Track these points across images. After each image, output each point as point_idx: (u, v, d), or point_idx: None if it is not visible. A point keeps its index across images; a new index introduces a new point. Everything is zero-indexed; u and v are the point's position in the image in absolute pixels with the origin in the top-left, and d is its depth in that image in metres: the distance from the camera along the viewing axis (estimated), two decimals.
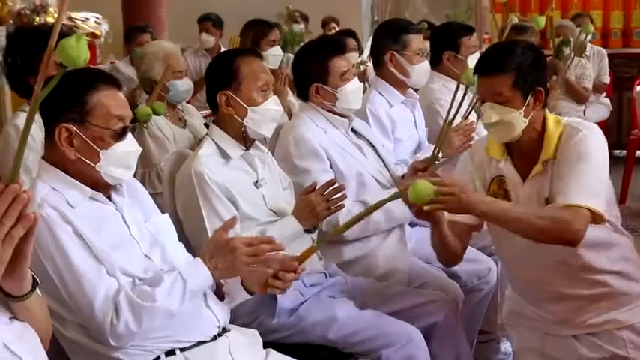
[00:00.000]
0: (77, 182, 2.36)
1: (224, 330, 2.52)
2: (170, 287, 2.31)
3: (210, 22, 7.76)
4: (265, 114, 3.02)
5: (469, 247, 3.70)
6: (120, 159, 2.36)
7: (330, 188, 3.01)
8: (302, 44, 6.79)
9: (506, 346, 4.00)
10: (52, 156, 2.38)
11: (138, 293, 2.29)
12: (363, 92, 3.77)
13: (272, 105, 3.04)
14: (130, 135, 2.40)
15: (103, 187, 2.41)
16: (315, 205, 2.99)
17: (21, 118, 3.45)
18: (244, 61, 3.03)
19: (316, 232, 3.14)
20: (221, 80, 3.04)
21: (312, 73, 3.50)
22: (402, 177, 3.62)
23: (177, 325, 2.37)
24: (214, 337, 2.46)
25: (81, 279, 2.25)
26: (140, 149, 2.46)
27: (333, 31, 8.52)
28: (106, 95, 2.34)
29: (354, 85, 3.52)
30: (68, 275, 2.25)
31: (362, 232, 3.39)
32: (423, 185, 2.37)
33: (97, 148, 2.32)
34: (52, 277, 2.24)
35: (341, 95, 3.47)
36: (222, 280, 2.51)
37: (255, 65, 3.05)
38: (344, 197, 3.03)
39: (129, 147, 2.38)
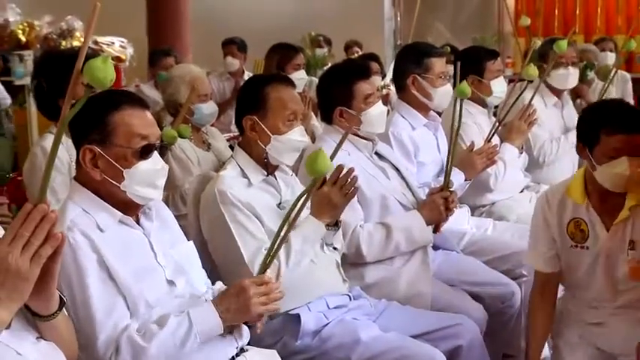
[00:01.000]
0: (107, 205, 2.37)
1: (242, 350, 2.52)
2: (175, 329, 2.30)
3: (234, 45, 7.81)
4: (288, 143, 3.03)
5: (493, 271, 3.73)
6: (144, 177, 2.36)
7: (341, 174, 3.00)
8: (326, 68, 6.84)
9: None
10: (82, 177, 2.40)
11: (144, 332, 2.29)
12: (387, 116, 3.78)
13: (296, 135, 3.04)
14: (155, 153, 2.39)
15: (132, 210, 2.42)
16: (331, 196, 2.98)
17: (48, 140, 3.48)
18: (275, 88, 3.04)
19: (339, 229, 3.13)
20: (249, 104, 3.06)
21: (336, 96, 3.52)
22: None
23: (201, 352, 2.37)
24: (232, 358, 2.47)
25: (93, 311, 2.26)
26: (167, 167, 2.46)
27: (356, 55, 8.55)
28: (128, 115, 2.35)
29: (378, 109, 3.53)
30: (81, 304, 2.26)
31: (381, 253, 3.39)
32: (321, 156, 2.32)
33: (120, 168, 2.33)
34: (67, 299, 2.25)
35: (365, 119, 3.49)
36: None
37: (285, 94, 3.05)
38: (355, 180, 3.02)
39: (153, 165, 2.38)
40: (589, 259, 2.98)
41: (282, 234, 2.40)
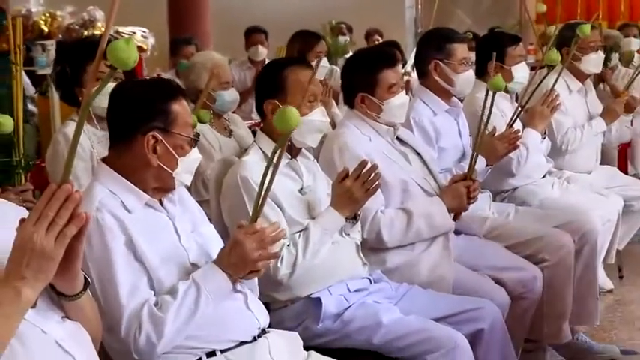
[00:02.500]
0: (135, 188, 2.42)
1: (263, 331, 2.53)
2: (184, 293, 2.33)
3: (263, 34, 7.78)
4: (311, 125, 3.03)
5: (515, 256, 3.73)
6: (191, 165, 2.48)
7: (364, 170, 3.00)
8: (347, 56, 6.84)
9: (552, 354, 3.97)
10: (117, 160, 2.45)
11: (160, 304, 2.32)
12: None
13: (318, 116, 3.05)
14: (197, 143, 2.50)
15: (158, 195, 2.48)
16: (353, 190, 2.98)
17: (70, 127, 3.52)
18: (293, 71, 3.05)
19: (358, 221, 3.13)
20: (269, 89, 3.07)
21: (360, 82, 3.51)
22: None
23: (218, 324, 2.40)
24: (254, 339, 2.48)
25: (118, 292, 2.29)
26: (201, 156, 2.55)
27: (376, 43, 8.53)
28: (182, 105, 2.45)
29: (401, 99, 3.52)
30: (107, 284, 2.30)
31: (402, 238, 3.39)
32: (290, 112, 2.32)
33: (176, 156, 2.41)
34: (92, 279, 2.28)
35: (386, 108, 3.49)
36: None
37: (303, 76, 3.05)
38: (378, 176, 3.01)
39: (198, 154, 2.51)
40: None
41: (264, 187, 2.41)
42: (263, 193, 2.41)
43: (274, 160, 2.39)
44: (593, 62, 4.95)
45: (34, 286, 1.68)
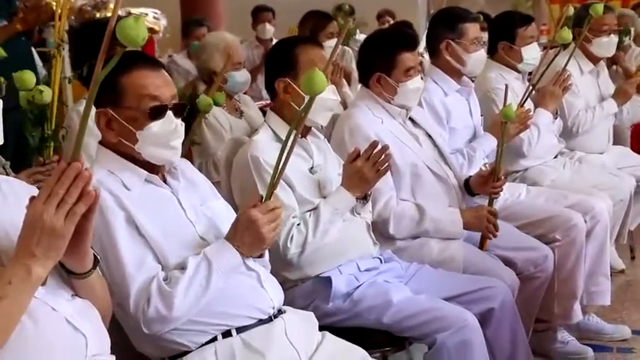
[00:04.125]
0: (133, 165, 2.41)
1: (279, 312, 2.54)
2: (195, 269, 2.32)
3: (270, 12, 7.80)
4: (322, 103, 3.02)
5: (526, 235, 3.73)
6: (157, 138, 2.38)
7: (375, 150, 2.99)
8: (359, 34, 6.81)
9: (563, 335, 3.97)
10: (106, 140, 2.45)
11: (169, 279, 2.32)
12: None
13: (329, 94, 3.04)
14: (169, 114, 2.39)
15: (156, 169, 2.46)
16: (364, 170, 2.97)
17: (83, 105, 3.52)
18: (304, 49, 3.05)
19: (369, 201, 3.13)
20: (280, 67, 3.07)
21: (377, 62, 3.51)
22: (468, 179, 3.62)
23: (231, 299, 2.40)
24: (270, 319, 2.48)
25: (124, 267, 2.29)
26: (178, 128, 2.42)
27: (387, 24, 8.50)
28: (138, 76, 2.38)
29: (416, 83, 3.51)
30: (112, 261, 2.30)
31: (407, 235, 3.42)
32: (317, 75, 2.25)
33: (132, 129, 2.37)
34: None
35: (401, 91, 3.48)
36: None
37: (315, 54, 3.06)
38: (389, 156, 3.00)
39: (167, 126, 2.38)
40: None
41: (280, 165, 2.37)
42: (279, 171, 2.38)
43: (292, 133, 2.31)
44: (605, 46, 4.91)
45: (44, 264, 1.69)
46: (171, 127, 2.40)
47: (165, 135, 2.39)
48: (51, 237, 1.66)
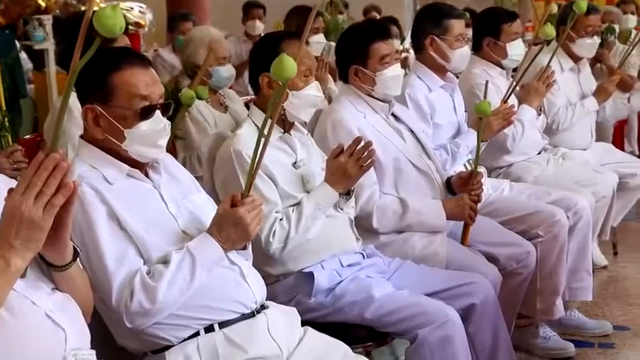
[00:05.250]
0: (115, 160, 2.40)
1: (262, 307, 2.53)
2: (179, 263, 2.33)
3: (261, 9, 7.78)
4: (305, 99, 3.04)
5: (508, 231, 3.74)
6: (145, 137, 2.38)
7: (358, 147, 2.99)
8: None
9: (545, 330, 3.99)
10: (89, 134, 2.43)
11: (152, 273, 2.32)
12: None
13: (313, 91, 3.05)
14: (157, 113, 2.39)
15: (139, 165, 2.45)
16: (347, 166, 2.97)
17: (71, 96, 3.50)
18: (289, 44, 3.03)
19: (352, 197, 3.13)
20: (265, 62, 3.03)
21: (353, 54, 3.50)
22: (449, 179, 3.63)
23: (213, 293, 2.40)
24: (252, 314, 2.48)
25: (105, 261, 2.29)
26: (165, 128, 2.43)
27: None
28: (129, 75, 2.36)
29: (394, 71, 3.51)
30: (94, 255, 2.30)
31: (391, 229, 3.41)
32: (286, 59, 2.27)
33: (121, 128, 2.35)
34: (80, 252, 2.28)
35: (379, 80, 3.47)
36: None
37: (300, 50, 3.06)
38: (373, 152, 3.00)
39: (155, 125, 2.38)
40: None
41: (257, 154, 2.39)
42: (256, 162, 2.39)
43: (268, 123, 2.34)
44: (587, 47, 4.92)
45: (23, 255, 1.68)
46: (160, 126, 2.40)
47: (153, 134, 2.39)
48: (30, 228, 1.65)
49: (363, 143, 2.98)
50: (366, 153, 2.98)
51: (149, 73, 2.42)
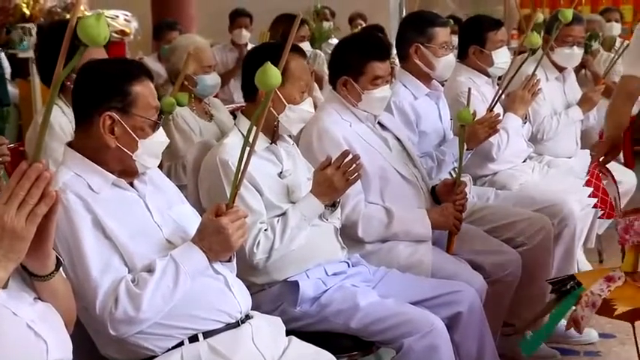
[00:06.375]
0: (101, 169, 2.41)
1: (247, 317, 2.53)
2: (162, 271, 2.32)
3: (247, 17, 7.77)
4: (300, 114, 3.06)
5: (494, 239, 3.74)
6: (154, 148, 2.45)
7: (346, 160, 3.00)
8: (330, 41, 6.80)
9: None
10: (82, 142, 2.43)
11: (137, 281, 2.32)
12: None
13: (307, 106, 3.07)
14: (160, 126, 2.48)
15: (127, 176, 2.46)
16: (334, 179, 2.97)
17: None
18: (294, 58, 3.02)
19: (338, 208, 3.13)
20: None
21: (347, 66, 3.49)
22: (434, 188, 3.63)
23: (198, 303, 2.40)
24: (237, 324, 2.48)
25: (89, 270, 2.29)
26: (168, 140, 2.53)
27: (359, 27, 8.52)
28: (146, 86, 2.42)
29: (382, 93, 3.50)
30: (78, 264, 2.29)
31: (376, 238, 3.41)
32: (270, 69, 2.25)
33: (136, 138, 2.39)
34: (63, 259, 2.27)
35: (366, 98, 3.47)
36: None
37: (301, 64, 3.06)
38: (360, 166, 3.02)
39: (162, 137, 2.49)
40: None
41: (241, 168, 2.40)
42: (241, 172, 2.39)
43: (253, 131, 2.34)
44: (566, 57, 4.91)
45: (5, 266, 1.68)
46: (163, 138, 2.49)
47: (160, 145, 2.48)
48: (12, 239, 1.65)
49: (350, 156, 3.00)
50: (353, 166, 2.99)
51: (153, 85, 2.48)
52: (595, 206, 2.41)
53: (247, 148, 2.36)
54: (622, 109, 2.77)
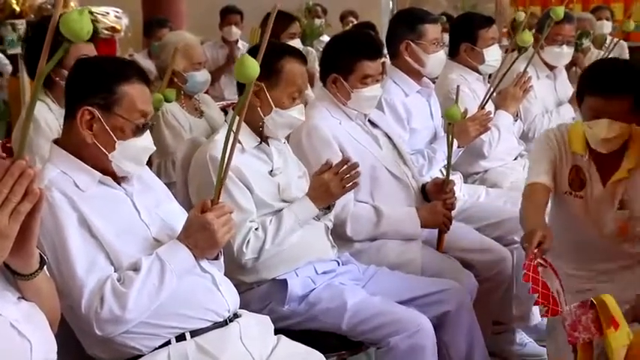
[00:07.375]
0: (87, 166, 2.38)
1: (235, 316, 2.51)
2: (148, 269, 2.31)
3: (238, 15, 7.75)
4: (287, 119, 3.02)
5: (484, 237, 3.73)
6: (133, 153, 2.40)
7: (345, 166, 2.99)
8: (322, 38, 6.78)
9: (521, 337, 3.97)
10: (67, 139, 2.41)
11: (123, 279, 2.29)
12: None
13: (296, 113, 3.03)
14: (147, 132, 2.43)
15: (112, 173, 2.44)
16: (330, 185, 2.97)
17: (37, 106, 3.46)
18: (290, 62, 3.00)
19: (332, 211, 3.12)
20: (262, 70, 3.01)
21: (338, 63, 3.47)
22: (424, 186, 3.62)
23: (185, 301, 2.38)
24: (225, 323, 2.46)
25: (74, 268, 2.26)
26: (154, 148, 2.49)
27: (351, 25, 8.50)
28: (135, 88, 2.39)
29: (372, 92, 3.48)
30: (63, 262, 2.27)
31: (365, 236, 3.40)
32: (248, 60, 2.24)
33: (114, 138, 2.35)
34: (48, 258, 2.24)
35: (355, 96, 3.45)
36: None
37: (298, 70, 3.03)
38: (358, 174, 3.01)
39: (144, 142, 2.43)
40: (579, 210, 3.03)
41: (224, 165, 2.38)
42: (224, 166, 2.37)
43: (235, 122, 2.33)
44: (555, 55, 4.91)
45: None
46: (145, 142, 2.44)
47: (141, 151, 2.44)
48: None
49: (350, 163, 3.00)
50: (351, 173, 2.99)
51: (147, 91, 2.45)
52: (536, 303, 2.38)
53: (231, 141, 2.33)
54: (535, 219, 2.84)
